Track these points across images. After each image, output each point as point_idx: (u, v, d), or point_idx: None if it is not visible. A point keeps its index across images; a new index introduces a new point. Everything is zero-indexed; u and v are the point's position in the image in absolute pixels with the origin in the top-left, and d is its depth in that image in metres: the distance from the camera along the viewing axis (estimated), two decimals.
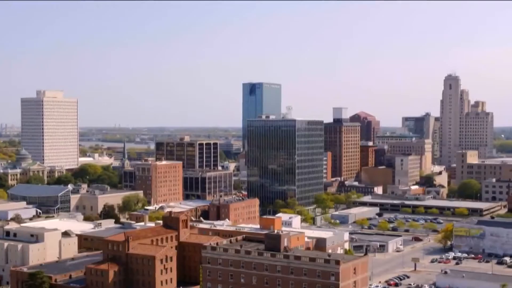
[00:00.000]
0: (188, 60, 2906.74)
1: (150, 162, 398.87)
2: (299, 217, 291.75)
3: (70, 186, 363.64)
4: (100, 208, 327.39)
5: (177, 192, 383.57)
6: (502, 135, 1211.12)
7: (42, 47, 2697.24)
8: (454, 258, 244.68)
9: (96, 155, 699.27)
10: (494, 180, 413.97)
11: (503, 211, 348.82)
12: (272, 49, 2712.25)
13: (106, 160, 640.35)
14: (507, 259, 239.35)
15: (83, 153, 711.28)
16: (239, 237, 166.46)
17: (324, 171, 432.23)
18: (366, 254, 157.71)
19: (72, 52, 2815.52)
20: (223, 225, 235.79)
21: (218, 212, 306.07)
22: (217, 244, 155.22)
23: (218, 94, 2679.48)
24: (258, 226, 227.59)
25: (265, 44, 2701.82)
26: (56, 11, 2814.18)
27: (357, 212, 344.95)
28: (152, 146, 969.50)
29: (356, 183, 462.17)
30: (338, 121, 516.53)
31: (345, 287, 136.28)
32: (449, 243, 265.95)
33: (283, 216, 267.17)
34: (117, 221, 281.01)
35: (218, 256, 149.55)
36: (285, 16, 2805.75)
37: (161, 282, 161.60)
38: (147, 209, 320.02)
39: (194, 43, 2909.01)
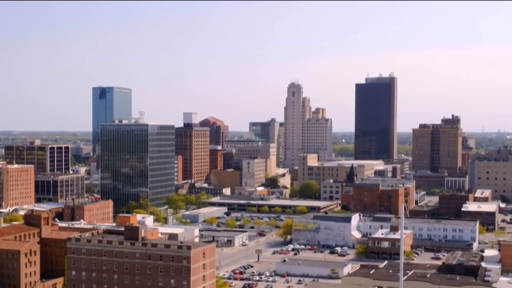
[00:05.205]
0: (34, 62, 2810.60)
1: (0, 165, 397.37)
2: (152, 217, 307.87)
3: None
4: None
5: (29, 195, 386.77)
6: (343, 140, 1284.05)
7: None
8: (293, 249, 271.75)
9: None
10: (331, 181, 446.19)
11: (338, 208, 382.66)
12: (122, 53, 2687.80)
13: None
14: (338, 249, 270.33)
15: None
16: (100, 231, 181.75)
17: (176, 173, 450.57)
18: (213, 241, 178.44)
19: None
20: (81, 223, 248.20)
21: (72, 213, 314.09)
22: (80, 236, 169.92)
23: (66, 98, 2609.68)
24: (114, 225, 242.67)
25: (116, 47, 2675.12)
26: None
27: (206, 212, 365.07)
28: None
29: (206, 185, 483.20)
30: (188, 126, 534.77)
31: (196, 269, 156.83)
32: (289, 237, 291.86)
33: (137, 216, 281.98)
34: None
35: (82, 246, 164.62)
36: (135, 20, 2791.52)
37: (26, 274, 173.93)
38: (0, 212, 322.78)
39: (40, 45, 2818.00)
